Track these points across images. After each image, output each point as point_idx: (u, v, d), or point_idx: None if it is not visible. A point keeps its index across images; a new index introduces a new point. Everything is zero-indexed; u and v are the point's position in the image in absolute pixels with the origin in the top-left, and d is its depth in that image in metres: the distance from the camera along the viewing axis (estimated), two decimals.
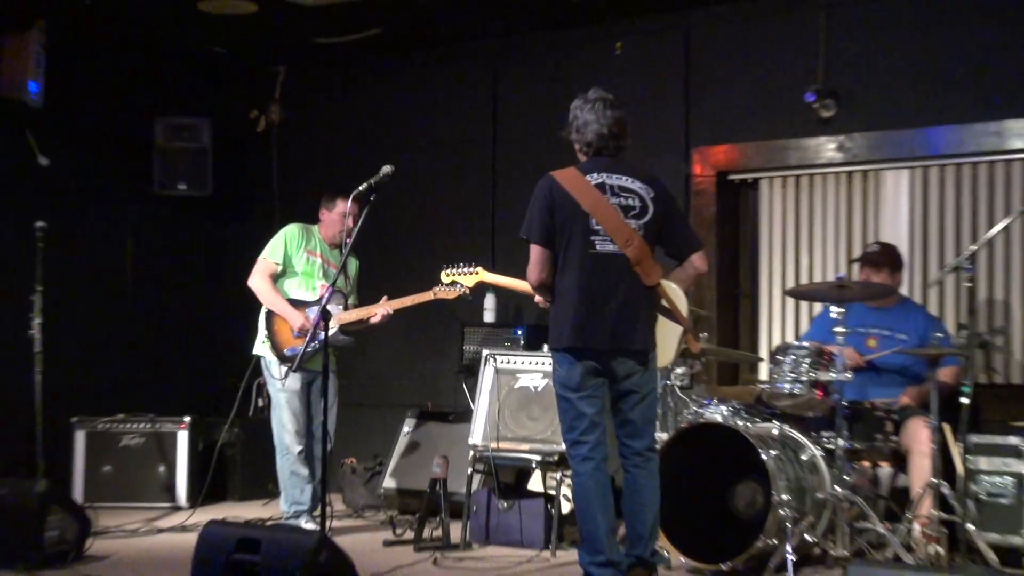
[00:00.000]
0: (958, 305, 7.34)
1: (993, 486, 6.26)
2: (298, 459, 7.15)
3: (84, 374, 8.58)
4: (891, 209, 7.80)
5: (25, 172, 8.56)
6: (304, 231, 7.32)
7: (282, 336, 7.14)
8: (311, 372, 7.12)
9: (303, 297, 7.22)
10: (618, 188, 5.42)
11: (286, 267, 7.23)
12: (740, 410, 6.38)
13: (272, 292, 7.18)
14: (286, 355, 7.09)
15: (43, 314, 7.25)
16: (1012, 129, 7.20)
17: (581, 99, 5.57)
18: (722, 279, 8.16)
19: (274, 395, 7.24)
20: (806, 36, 7.75)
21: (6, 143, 8.51)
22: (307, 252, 7.29)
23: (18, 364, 7.40)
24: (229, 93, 9.66)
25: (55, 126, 8.61)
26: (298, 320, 7.10)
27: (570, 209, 5.37)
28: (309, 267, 7.28)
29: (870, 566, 4.29)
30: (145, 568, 6.07)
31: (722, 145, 8.11)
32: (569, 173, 5.44)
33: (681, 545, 6.14)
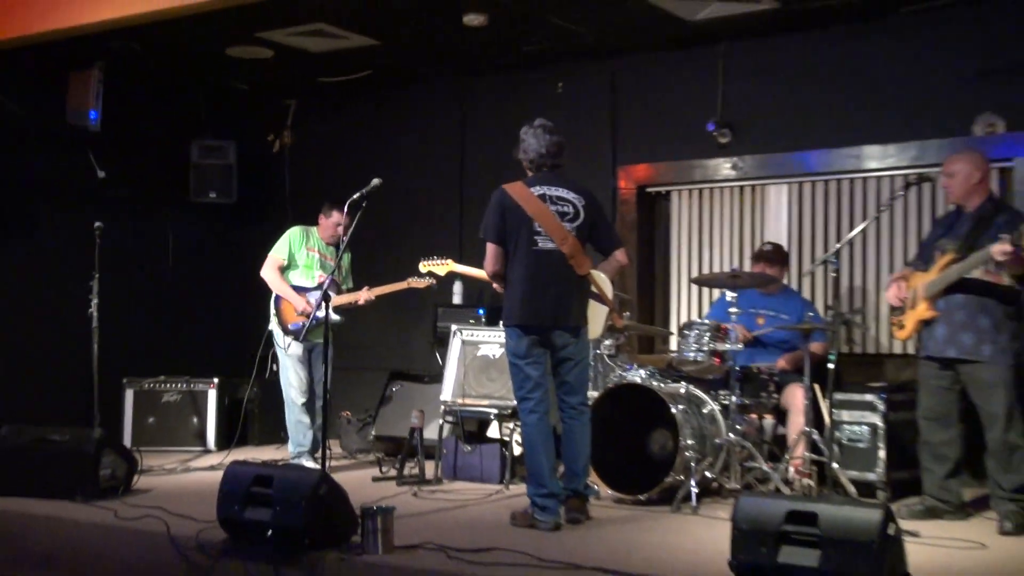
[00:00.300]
0: (826, 291, 7.35)
1: (853, 433, 6.28)
2: (301, 410, 7.21)
3: (132, 344, 8.52)
4: (774, 215, 7.81)
5: (87, 183, 8.55)
6: (305, 232, 7.36)
7: (287, 315, 7.20)
8: (310, 342, 7.17)
9: (304, 284, 7.25)
10: (556, 198, 5.48)
11: (290, 261, 7.26)
12: (655, 374, 6.40)
13: (279, 281, 7.22)
14: (290, 329, 7.17)
15: (99, 296, 7.25)
16: (868, 153, 7.24)
17: (528, 126, 5.62)
18: (641, 270, 8.14)
19: (282, 360, 7.28)
20: (707, 79, 7.73)
21: (72, 160, 8.51)
22: (307, 249, 7.31)
23: (79, 336, 7.38)
24: (250, 121, 9.58)
25: (110, 146, 8.57)
26: (300, 303, 7.14)
27: (518, 215, 5.42)
28: (309, 261, 7.30)
29: (756, 496, 4.27)
30: (181, 499, 6.00)
31: (641, 164, 8.09)
32: (517, 186, 5.50)
33: (608, 480, 6.15)
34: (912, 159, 7.05)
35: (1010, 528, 5.30)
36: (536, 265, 5.41)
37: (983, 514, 5.68)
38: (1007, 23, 6.70)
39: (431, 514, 5.79)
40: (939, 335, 5.53)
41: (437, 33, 7.52)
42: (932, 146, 6.95)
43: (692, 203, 8.14)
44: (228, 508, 4.98)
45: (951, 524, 5.49)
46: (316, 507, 4.74)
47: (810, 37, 7.36)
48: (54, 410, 7.75)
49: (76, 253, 7.72)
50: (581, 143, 8.11)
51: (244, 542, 4.94)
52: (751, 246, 7.56)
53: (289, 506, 4.77)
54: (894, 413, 6.25)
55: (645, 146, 8.05)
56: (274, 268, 7.23)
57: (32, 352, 8.22)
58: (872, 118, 7.18)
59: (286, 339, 7.21)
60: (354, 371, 8.81)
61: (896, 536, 3.97)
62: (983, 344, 5.41)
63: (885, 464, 6.16)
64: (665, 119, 7.96)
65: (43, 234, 8.42)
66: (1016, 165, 6.73)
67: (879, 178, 7.34)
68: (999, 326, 5.42)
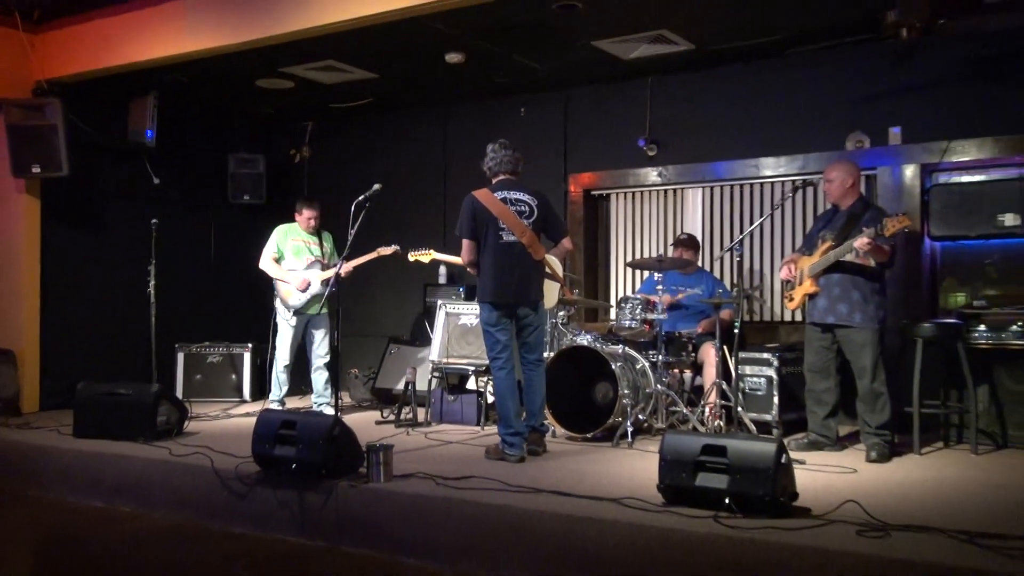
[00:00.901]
0: (732, 272, 7.36)
1: (753, 384, 6.31)
2: (284, 370, 7.16)
3: (182, 316, 8.43)
4: (691, 213, 7.79)
5: (145, 188, 8.44)
6: (286, 228, 7.28)
7: (286, 296, 7.12)
8: (306, 315, 7.14)
9: (296, 267, 7.16)
10: (514, 200, 5.52)
11: (280, 253, 7.19)
12: (598, 338, 6.39)
13: (274, 269, 7.17)
14: (290, 305, 7.09)
15: (156, 278, 7.16)
16: (764, 163, 7.23)
17: (492, 145, 5.65)
18: (587, 256, 8.11)
19: (281, 330, 7.18)
20: (638, 105, 7.70)
21: (133, 170, 8.41)
22: (291, 240, 7.23)
23: (140, 311, 7.29)
24: (276, 138, 9.47)
25: (164, 159, 8.46)
26: (297, 281, 7.08)
27: (485, 215, 5.45)
28: (296, 249, 7.20)
29: (678, 434, 4.27)
30: (222, 440, 5.95)
31: (587, 172, 8.04)
32: (483, 192, 5.53)
33: (562, 423, 6.14)
34: (799, 168, 7.07)
35: (875, 457, 5.34)
36: (502, 254, 5.43)
37: (854, 446, 5.73)
38: (871, 62, 6.72)
39: (422, 450, 5.77)
40: (821, 305, 5.55)
41: (424, 68, 7.46)
42: (814, 158, 6.97)
43: (627, 203, 8.11)
44: (261, 447, 4.96)
45: (830, 454, 5.53)
46: (331, 445, 4.72)
47: (720, 71, 7.35)
48: (120, 369, 7.72)
49: (137, 244, 7.62)
50: (539, 156, 8.11)
51: (273, 473, 4.92)
52: (673, 237, 7.54)
53: (310, 444, 4.75)
54: (785, 367, 6.29)
55: (590, 158, 8.01)
56: (268, 260, 7.19)
57: (103, 324, 8.15)
58: (767, 135, 7.18)
59: (286, 313, 7.13)
60: (360, 337, 8.81)
61: (787, 463, 3.99)
62: (855, 312, 5.44)
63: (778, 408, 6.20)
64: (606, 137, 7.92)
65: (111, 229, 8.33)
66: (879, 173, 6.76)
67: (773, 183, 7.34)
68: (867, 298, 5.44)
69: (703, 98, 7.47)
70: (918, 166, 6.59)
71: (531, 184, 5.65)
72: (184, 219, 8.75)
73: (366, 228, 5.71)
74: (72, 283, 8.02)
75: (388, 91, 8.21)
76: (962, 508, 4.16)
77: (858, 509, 3.94)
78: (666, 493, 4.13)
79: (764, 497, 3.85)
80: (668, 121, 7.62)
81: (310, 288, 7.07)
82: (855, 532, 3.65)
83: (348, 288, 6.98)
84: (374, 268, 7.72)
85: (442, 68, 7.32)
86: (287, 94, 8.26)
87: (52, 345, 7.85)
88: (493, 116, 8.42)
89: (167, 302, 7.45)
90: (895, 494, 4.45)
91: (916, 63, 6.48)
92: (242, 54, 6.85)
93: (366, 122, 9.12)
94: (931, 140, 6.52)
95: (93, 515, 5.38)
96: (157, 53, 7.03)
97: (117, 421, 6.04)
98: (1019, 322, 5.78)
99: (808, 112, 7.01)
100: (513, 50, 6.98)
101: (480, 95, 8.30)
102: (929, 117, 6.53)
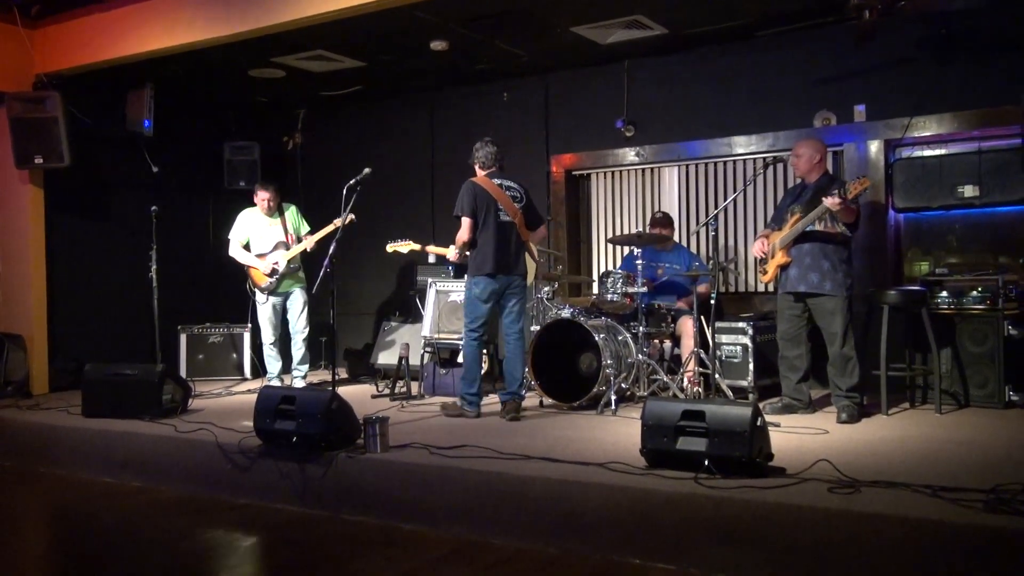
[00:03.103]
0: (708, 246, 7.36)
1: (729, 352, 6.33)
2: (272, 347, 7.20)
3: (184, 300, 8.39)
4: (668, 190, 7.77)
5: (144, 176, 8.35)
6: (249, 212, 7.28)
7: (257, 279, 7.16)
8: (283, 294, 7.19)
9: (262, 250, 7.17)
10: (507, 186, 5.85)
11: (247, 238, 7.20)
12: (582, 311, 6.38)
13: (243, 255, 7.20)
14: (263, 288, 7.12)
15: (157, 263, 7.08)
16: (737, 142, 7.22)
17: (480, 142, 5.91)
18: (570, 233, 8.09)
19: (259, 310, 7.23)
20: (616, 88, 7.67)
21: (132, 159, 8.30)
22: (254, 224, 7.22)
23: (143, 295, 7.23)
24: (270, 126, 9.38)
25: (161, 148, 8.36)
26: (265, 266, 7.11)
27: (485, 198, 5.73)
28: (259, 231, 7.20)
29: (659, 400, 4.28)
30: (225, 415, 5.94)
31: (568, 154, 8.01)
32: (483, 178, 5.83)
33: (549, 392, 6.15)
34: (768, 146, 7.06)
35: (845, 419, 5.38)
36: (500, 232, 5.72)
37: (825, 409, 5.77)
38: (837, 43, 6.70)
39: (416, 421, 5.77)
40: (793, 275, 5.56)
41: (410, 56, 7.40)
42: (783, 135, 6.97)
43: (607, 182, 8.09)
44: (262, 421, 4.95)
45: (803, 417, 5.57)
46: (329, 418, 4.72)
47: (692, 55, 7.32)
48: (126, 351, 7.69)
49: (138, 231, 7.58)
50: (523, 138, 8.10)
51: (275, 447, 4.92)
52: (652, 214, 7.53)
53: (309, 418, 4.74)
54: (760, 336, 6.32)
55: (571, 140, 7.98)
56: (237, 247, 7.19)
57: (108, 308, 8.10)
58: (739, 115, 7.17)
59: (262, 296, 7.16)
60: (355, 315, 8.78)
61: (763, 426, 4.01)
62: (825, 281, 5.45)
63: (753, 374, 6.23)
64: (585, 119, 7.88)
65: (113, 216, 8.27)
66: (845, 148, 6.76)
67: (744, 160, 7.34)
68: (837, 267, 5.46)
69: (677, 80, 7.44)
70: (882, 142, 6.60)
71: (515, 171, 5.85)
72: (182, 206, 8.68)
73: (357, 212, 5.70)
74: (77, 270, 7.97)
75: (376, 79, 8.15)
76: (927, 464, 4.19)
77: (830, 467, 3.96)
78: (649, 457, 4.14)
79: (741, 458, 3.86)
80: (644, 103, 7.60)
81: (277, 271, 7.11)
82: (827, 489, 3.67)
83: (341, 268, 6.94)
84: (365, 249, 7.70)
85: (427, 55, 7.26)
86: (279, 83, 8.18)
87: (59, 329, 7.81)
88: (477, 101, 8.37)
89: (168, 286, 7.40)
90: (864, 453, 4.48)
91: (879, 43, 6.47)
92: (234, 45, 6.77)
93: (356, 109, 9.05)
94: (894, 117, 6.53)
95: (104, 489, 5.37)
96: (153, 46, 6.95)
97: (124, 400, 6.01)
98: (978, 288, 5.82)
99: (777, 92, 7.00)
100: (495, 37, 6.93)
101: (464, 81, 8.24)
102: (892, 95, 6.53)
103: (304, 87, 8.35)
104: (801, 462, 4.10)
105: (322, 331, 8.29)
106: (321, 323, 7.99)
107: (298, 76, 7.92)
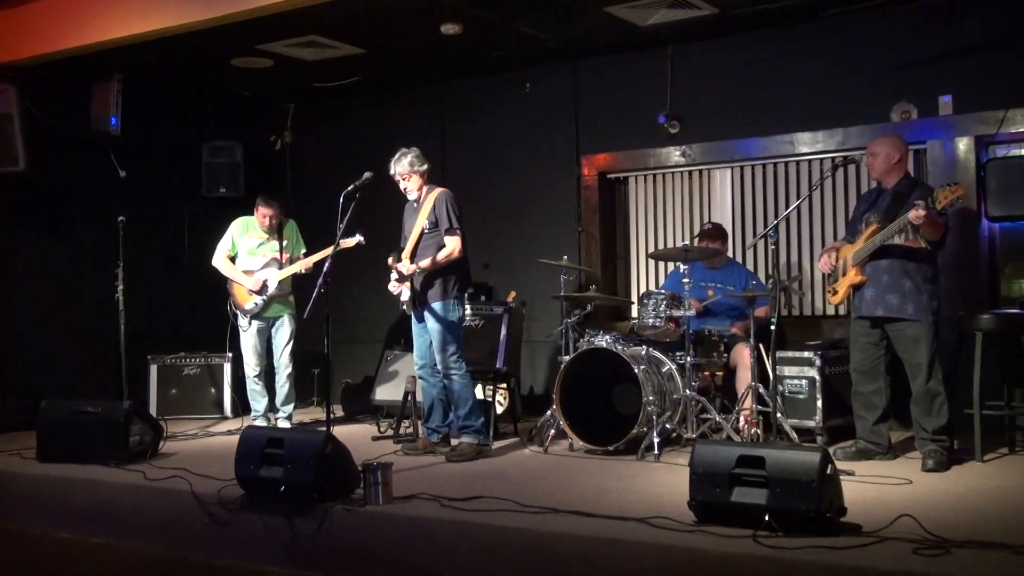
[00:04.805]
0: (767, 262, 7.33)
1: (793, 386, 6.30)
2: (256, 381, 7.28)
3: (155, 324, 8.46)
4: (719, 197, 7.79)
5: (110, 182, 8.44)
6: (244, 222, 7.37)
7: (240, 299, 7.24)
8: (268, 319, 7.27)
9: (250, 267, 7.25)
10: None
11: (236, 249, 7.29)
12: (619, 339, 6.36)
13: (227, 268, 7.28)
14: (246, 309, 7.19)
15: (124, 282, 7.14)
16: (800, 139, 7.22)
17: (414, 154, 6.24)
18: (604, 247, 8.11)
19: (242, 337, 7.33)
20: (657, 77, 7.69)
21: (96, 162, 8.39)
22: (248, 236, 7.31)
23: (108, 319, 7.28)
24: (255, 123, 9.48)
25: (130, 149, 8.46)
26: (250, 283, 7.18)
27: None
28: (251, 245, 7.29)
29: (711, 444, 4.26)
30: (202, 461, 5.95)
31: (602, 154, 8.04)
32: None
33: (581, 434, 6.14)
34: (838, 144, 7.05)
35: (932, 466, 5.32)
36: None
37: (908, 455, 5.72)
38: (919, 22, 6.69)
39: (424, 468, 5.76)
40: (868, 297, 5.53)
41: (417, 41, 7.46)
42: (855, 132, 6.96)
43: (647, 187, 8.10)
44: (245, 468, 4.96)
45: (881, 464, 5.52)
46: (323, 464, 4.72)
47: (747, 38, 7.33)
48: (87, 385, 7.76)
49: (103, 245, 7.66)
50: (548, 137, 8.14)
51: (260, 498, 4.92)
52: (700, 224, 7.53)
53: (299, 464, 4.75)
54: (829, 368, 6.29)
55: (605, 137, 8.00)
56: (222, 257, 7.28)
57: (67, 334, 8.15)
58: (803, 108, 7.17)
59: (244, 320, 7.24)
60: (353, 343, 8.81)
61: (833, 475, 3.98)
62: (907, 303, 5.42)
63: (822, 413, 6.19)
64: (622, 113, 7.91)
65: (73, 229, 8.35)
66: (928, 147, 6.74)
67: (810, 161, 7.33)
68: (920, 287, 5.43)
69: (730, 68, 7.46)
70: (972, 138, 6.57)
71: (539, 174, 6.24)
72: (154, 216, 8.76)
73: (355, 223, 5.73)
74: (31, 290, 8.04)
75: (378, 68, 8.21)
76: None
77: (914, 524, 3.93)
78: (698, 510, 4.12)
79: (808, 513, 3.84)
80: (691, 95, 7.61)
81: (266, 289, 7.17)
82: (911, 550, 3.64)
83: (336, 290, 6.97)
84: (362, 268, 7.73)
85: (437, 41, 7.32)
86: (266, 74, 8.26)
87: (10, 359, 7.87)
88: (495, 94, 8.42)
89: (137, 308, 7.46)
90: (955, 507, 4.44)
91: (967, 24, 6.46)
92: (215, 30, 6.81)
93: (354, 104, 9.12)
94: (987, 109, 6.50)
95: (61, 546, 5.38)
96: (121, 32, 7.00)
97: (85, 443, 6.04)
98: None
99: (848, 81, 6.99)
100: (516, 18, 6.97)
101: (481, 70, 8.29)
102: (984, 83, 6.50)
103: (295, 78, 8.43)
104: (880, 518, 4.07)
105: (315, 362, 8.31)
106: (314, 352, 8.01)
107: (288, 66, 8.00)
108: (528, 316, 7.86)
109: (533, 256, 7.38)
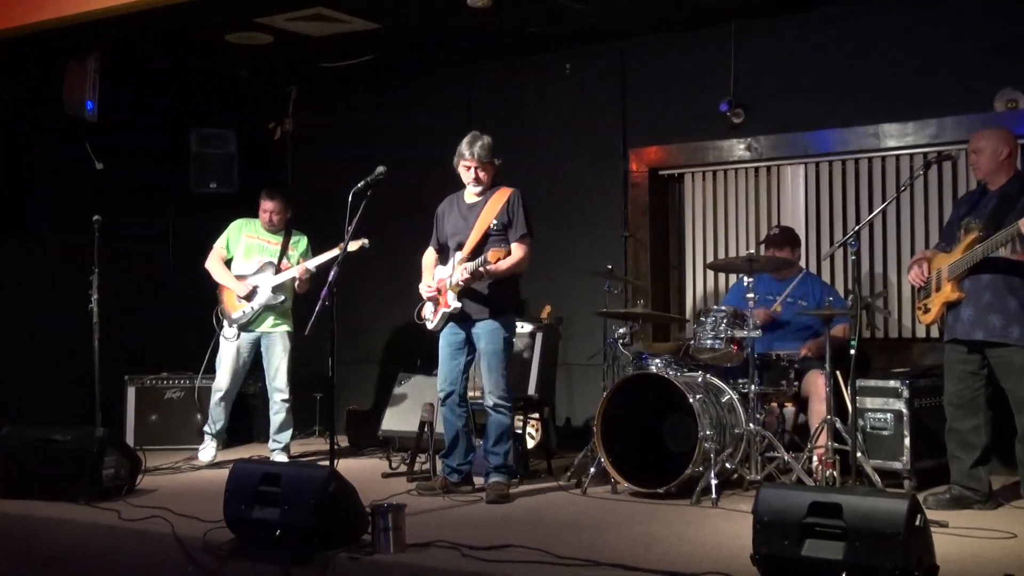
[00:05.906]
0: (846, 274, 7.31)
1: (877, 421, 6.27)
2: (219, 402, 7.46)
3: (134, 340, 8.48)
4: (790, 197, 7.78)
5: (84, 175, 8.53)
6: (245, 222, 7.60)
7: (228, 306, 7.42)
8: (257, 333, 7.43)
9: (244, 271, 7.43)
10: None
11: (232, 250, 7.48)
12: (671, 362, 6.35)
13: (220, 271, 7.49)
14: (234, 318, 7.37)
15: (99, 291, 7.13)
16: (887, 131, 7.19)
17: (484, 137, 6.26)
18: (655, 255, 8.11)
19: (221, 346, 7.48)
20: (719, 58, 7.69)
21: (69, 152, 8.50)
22: (246, 237, 7.50)
23: (79, 333, 7.28)
24: (251, 108, 9.57)
25: (108, 137, 8.55)
26: (241, 289, 7.33)
27: None
28: (248, 249, 7.48)
29: (779, 488, 4.24)
30: (186, 499, 5.98)
31: (653, 146, 8.06)
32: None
33: (625, 474, 6.14)
34: (931, 137, 7.03)
35: None
36: None
37: (1013, 503, 5.68)
38: None
39: (443, 510, 5.77)
40: (966, 317, 5.49)
41: (440, 15, 7.49)
42: (951, 123, 6.93)
43: (706, 186, 8.11)
44: (235, 507, 4.98)
45: (980, 514, 5.47)
46: (325, 505, 4.73)
47: (823, 14, 7.32)
48: (55, 409, 7.76)
49: (75, 247, 7.69)
50: (590, 125, 8.16)
51: (252, 542, 4.93)
52: (767, 229, 7.51)
53: (298, 505, 4.76)
54: (919, 399, 6.25)
55: (656, 128, 8.02)
56: (216, 259, 7.47)
57: (31, 350, 8.21)
58: (889, 95, 7.15)
59: (229, 329, 7.39)
60: (361, 364, 8.83)
61: (923, 527, 3.95)
62: (1012, 326, 5.37)
63: (910, 452, 6.15)
64: (676, 100, 7.93)
65: (41, 228, 8.43)
66: None
67: (898, 157, 7.31)
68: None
69: (803, 48, 7.45)
70: None
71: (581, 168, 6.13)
72: (135, 214, 8.81)
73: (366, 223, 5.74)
74: None
75: (394, 46, 8.26)
76: None
77: None
78: (762, 565, 4.10)
79: (893, 571, 3.80)
80: (758, 79, 7.61)
81: (256, 297, 7.27)
82: None
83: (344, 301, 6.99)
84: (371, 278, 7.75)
85: (463, 15, 7.34)
86: (265, 52, 8.33)
87: None
88: (530, 76, 8.44)
89: (114, 321, 7.48)
90: None
91: None
92: (207, 2, 6.90)
93: (366, 87, 9.18)
94: None
95: None
96: (99, 3, 7.08)
97: (52, 476, 6.07)
98: None
99: (944, 64, 6.96)
100: None
101: (513, 49, 8.32)
102: None
103: (298, 57, 8.50)
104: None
105: (317, 385, 8.34)
106: (316, 375, 8.05)
107: (290, 42, 8.05)
108: (565, 335, 7.86)
109: (572, 266, 7.37)
